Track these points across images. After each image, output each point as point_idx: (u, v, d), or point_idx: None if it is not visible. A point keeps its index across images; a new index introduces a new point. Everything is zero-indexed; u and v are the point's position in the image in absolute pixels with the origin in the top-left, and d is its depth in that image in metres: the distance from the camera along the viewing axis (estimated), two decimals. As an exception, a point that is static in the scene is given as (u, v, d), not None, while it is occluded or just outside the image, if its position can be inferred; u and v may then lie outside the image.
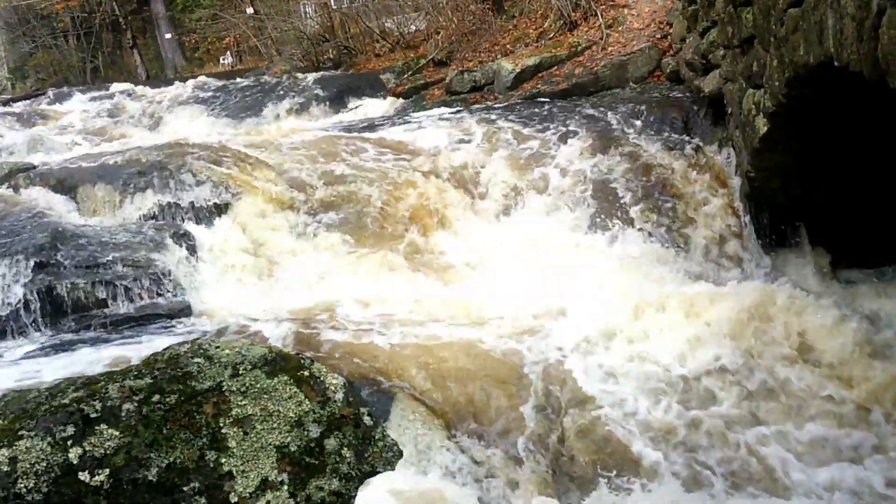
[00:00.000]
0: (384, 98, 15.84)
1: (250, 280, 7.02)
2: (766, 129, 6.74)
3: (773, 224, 7.81)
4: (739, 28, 7.27)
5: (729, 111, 8.40)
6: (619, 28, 12.83)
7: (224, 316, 6.25)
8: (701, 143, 8.68)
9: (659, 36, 12.06)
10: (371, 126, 12.09)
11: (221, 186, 8.05)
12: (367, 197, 8.25)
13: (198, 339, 3.21)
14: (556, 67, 12.80)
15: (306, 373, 3.13)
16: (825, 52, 4.87)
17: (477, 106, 13.08)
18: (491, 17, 15.48)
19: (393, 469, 3.13)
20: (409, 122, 12.27)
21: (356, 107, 15.82)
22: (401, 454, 3.16)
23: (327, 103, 15.94)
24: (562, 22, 13.69)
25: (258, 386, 2.98)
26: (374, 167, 8.80)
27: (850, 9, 4.32)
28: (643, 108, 9.67)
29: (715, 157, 8.46)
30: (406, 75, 16.45)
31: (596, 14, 13.30)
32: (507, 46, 14.43)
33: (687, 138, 8.86)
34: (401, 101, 15.41)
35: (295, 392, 3.06)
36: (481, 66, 14.22)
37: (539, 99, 12.18)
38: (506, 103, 12.51)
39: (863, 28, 4.22)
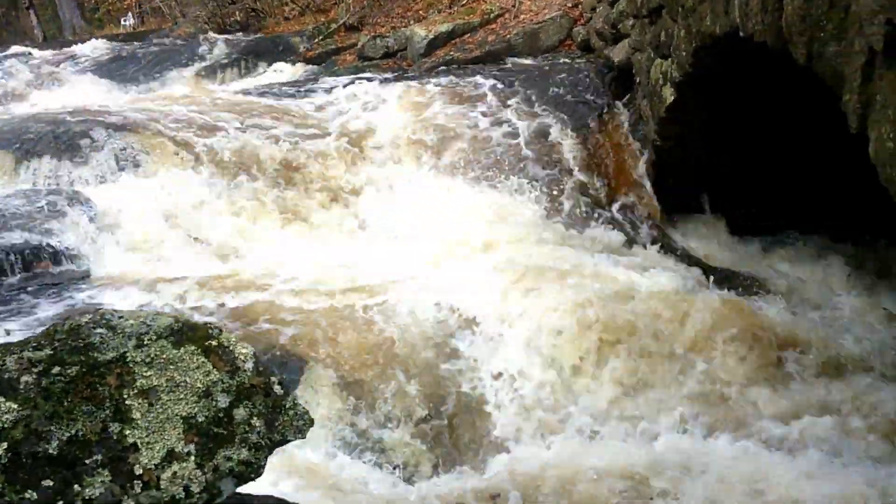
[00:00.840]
0: (294, 63, 15.55)
1: (152, 246, 6.84)
2: (672, 98, 6.89)
3: (677, 191, 8.01)
4: (648, -2, 7.40)
5: (637, 81, 8.55)
6: (532, -4, 12.89)
7: (126, 283, 6.08)
8: (609, 112, 8.80)
9: (570, 5, 12.15)
10: (281, 91, 11.86)
11: (122, 151, 7.80)
12: (274, 161, 8.11)
13: (100, 308, 3.11)
14: (468, 35, 12.78)
15: (214, 342, 3.06)
16: (731, 23, 4.99)
17: (390, 73, 12.98)
18: (404, -18, 15.34)
19: (304, 437, 3.11)
20: (320, 87, 12.10)
21: (265, 71, 15.50)
22: (312, 422, 3.14)
23: (235, 67, 15.56)
24: (474, -12, 13.68)
25: (164, 356, 2.90)
26: (282, 132, 8.65)
27: (754, -20, 4.43)
28: (554, 76, 9.75)
29: (623, 125, 8.60)
30: (317, 40, 16.17)
31: (508, -19, 13.32)
32: (420, 12, 14.33)
33: (596, 106, 8.98)
34: (312, 66, 15.16)
35: (203, 362, 2.99)
36: (394, 32, 14.09)
37: (452, 66, 12.16)
38: (419, 70, 12.47)
39: (767, 0, 4.34)
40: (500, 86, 9.67)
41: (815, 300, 6.65)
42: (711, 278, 6.69)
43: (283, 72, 15.19)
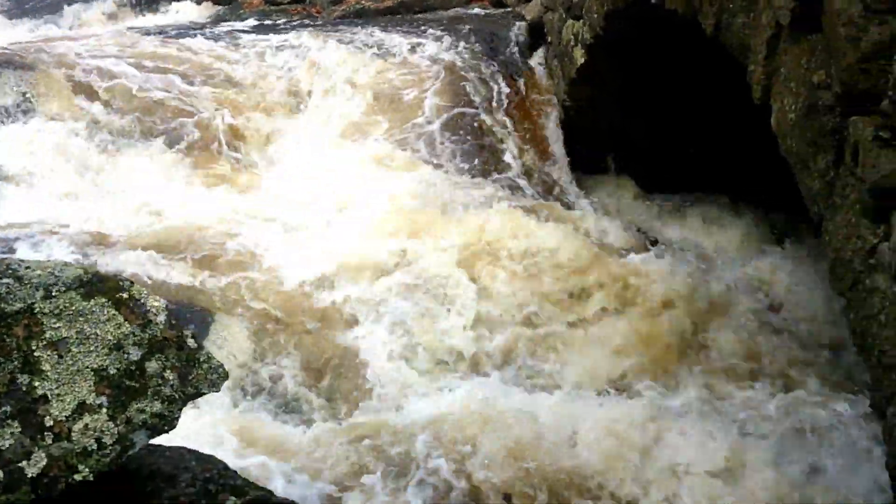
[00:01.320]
0: (199, 2, 15.08)
1: (55, 192, 6.62)
2: (583, 60, 7.02)
3: (586, 151, 8.18)
4: (562, -42, 7.47)
5: (549, 40, 8.64)
6: (445, -52, 12.76)
7: (30, 232, 5.88)
8: (521, 69, 8.88)
9: (484, -41, 12.11)
10: (183, 32, 11.49)
11: (15, 93, 7.46)
12: (179, 110, 7.89)
13: (4, 258, 3.03)
14: (381, -16, 12.60)
15: (125, 295, 3.03)
16: (644, -11, 5.11)
17: (298, 19, 12.73)
18: (314, -74, 14.95)
19: (218, 391, 3.12)
20: (225, 30, 11.78)
21: (167, 11, 14.99)
22: (226, 375, 3.15)
23: (135, 5, 14.99)
24: (388, -63, 13.44)
25: (73, 308, 2.86)
26: (184, 78, 8.41)
27: (669, -52, 4.55)
28: (469, 31, 9.75)
29: (534, 83, 8.70)
30: (222, -20, 15.68)
31: (422, -69, 13.15)
32: (331, -42, 14.02)
33: (508, 62, 9.03)
34: (217, 7, 14.73)
35: (113, 315, 2.96)
36: (303, -23, 13.78)
37: (364, 16, 12.02)
38: (328, 18, 12.27)
39: (680, -33, 4.47)
40: (415, 39, 9.61)
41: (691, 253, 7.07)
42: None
43: (185, 12, 14.70)
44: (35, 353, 2.68)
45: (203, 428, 4.27)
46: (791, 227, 7.29)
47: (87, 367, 2.78)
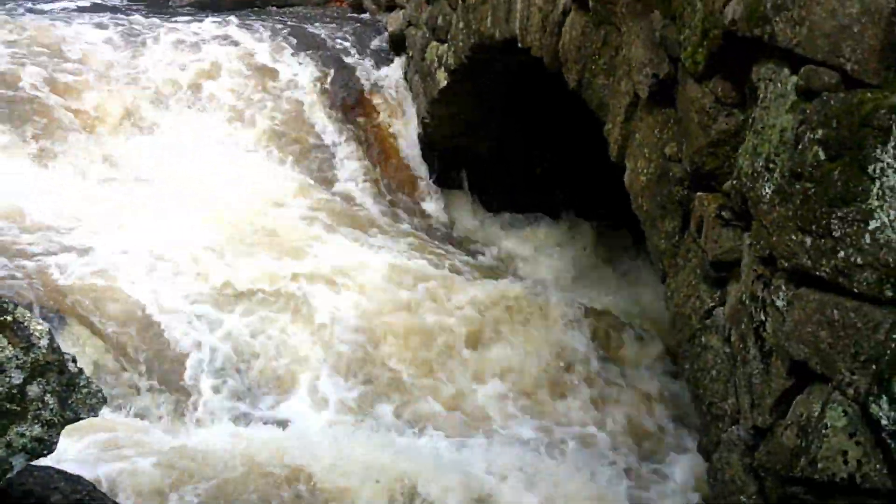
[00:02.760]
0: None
1: None
2: (445, 83, 7.33)
3: (441, 167, 8.55)
4: (428, -21, 7.77)
5: (410, 54, 8.91)
6: (305, -57, 12.79)
7: None
8: (379, 80, 9.12)
9: (346, -40, 12.23)
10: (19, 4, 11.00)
11: None
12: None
13: None
14: (237, -27, 12.46)
15: (9, 318, 3.07)
16: (511, 32, 5.47)
17: (143, 5, 12.39)
18: None
19: (96, 415, 3.21)
20: (60, 5, 11.34)
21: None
22: (104, 400, 3.24)
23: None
24: (245, -76, 13.31)
25: (-44, 330, 2.91)
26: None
27: (538, 1, 4.93)
28: (328, 33, 9.86)
29: (391, 96, 8.95)
30: (60, -52, 14.97)
31: (282, -77, 13.12)
32: (183, -61, 13.71)
33: (369, 71, 9.25)
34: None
35: (-4, 337, 3.02)
36: (152, -44, 13.41)
37: (217, 8, 11.85)
38: (175, 7, 11.98)
39: (548, 21, 4.85)
40: (270, 36, 9.62)
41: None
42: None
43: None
44: (-86, 382, 2.72)
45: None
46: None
47: (-32, 392, 2.84)
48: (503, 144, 8.31)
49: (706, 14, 3.05)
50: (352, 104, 8.63)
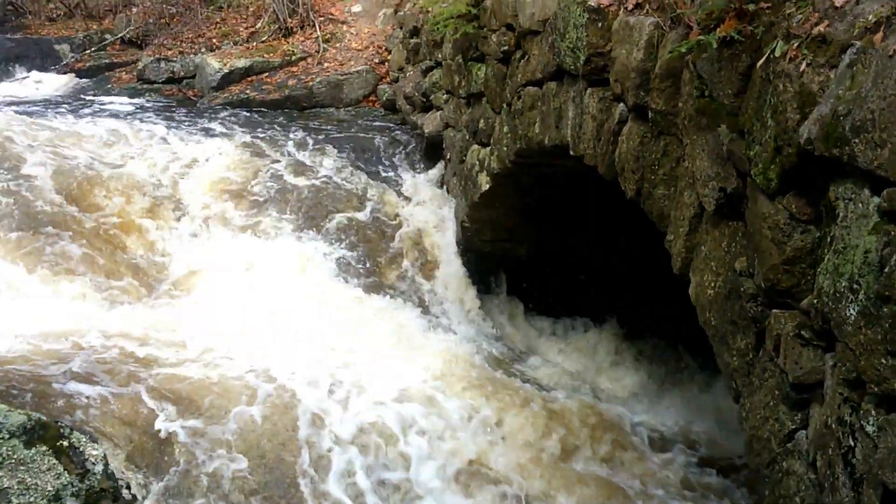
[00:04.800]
0: (61, 73, 14.93)
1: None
2: (487, 186, 7.53)
3: (480, 271, 8.69)
4: (469, 81, 8.02)
5: (447, 157, 9.17)
6: (337, 45, 13.28)
7: None
8: (421, 183, 9.37)
9: (377, 60, 12.69)
10: (46, 106, 11.43)
11: None
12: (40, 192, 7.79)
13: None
14: (267, 74, 12.93)
15: (66, 443, 3.17)
16: (561, 139, 5.65)
17: (174, 102, 12.86)
18: (197, 4, 15.25)
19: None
20: (95, 107, 11.78)
21: (25, 77, 14.77)
22: (154, 527, 3.32)
23: (-13, 71, 14.74)
24: (276, 26, 13.87)
25: (15, 457, 2.98)
26: (55, 158, 8.37)
27: (592, 109, 5.10)
28: (364, 136, 10.21)
29: (433, 199, 9.19)
30: (88, 51, 15.63)
31: (314, 25, 13.65)
32: (214, 41, 14.29)
33: (405, 173, 9.52)
34: (82, 79, 14.64)
35: (54, 464, 3.08)
36: (182, 57, 13.94)
37: (248, 106, 12.31)
38: (208, 104, 12.46)
39: (602, 130, 5.02)
40: (307, 139, 9.96)
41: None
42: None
43: (45, 83, 14.53)
44: (-24, 508, 2.80)
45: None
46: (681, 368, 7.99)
47: (28, 521, 2.91)
48: (541, 249, 8.48)
49: (778, 132, 3.17)
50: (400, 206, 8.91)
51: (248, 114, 11.79)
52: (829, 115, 2.84)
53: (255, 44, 13.69)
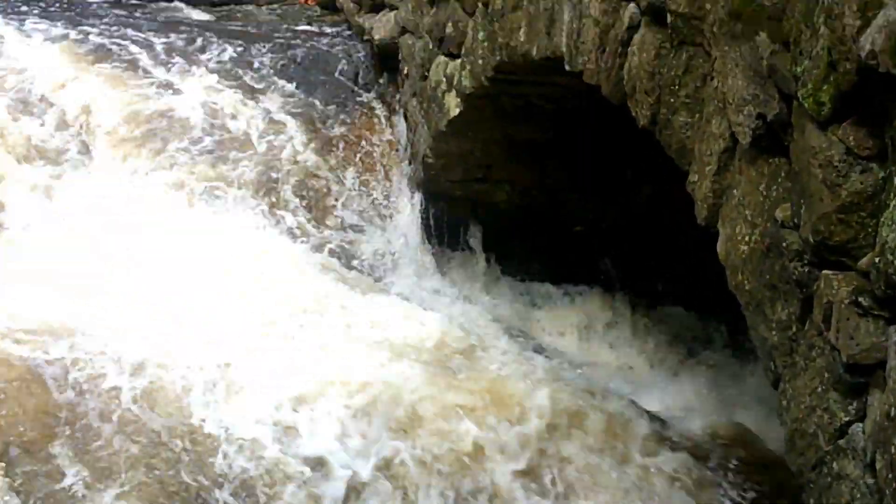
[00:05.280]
0: None
1: None
2: (458, 111, 7.54)
3: (446, 221, 8.74)
4: (432, -29, 8.03)
5: (405, 71, 9.15)
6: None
7: None
8: (363, 108, 9.39)
9: (311, -59, 12.59)
10: None
11: None
12: None
13: None
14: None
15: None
16: (554, 49, 5.67)
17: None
18: None
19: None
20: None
21: None
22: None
23: None
24: None
25: None
26: None
27: (594, 10, 5.12)
28: (291, 44, 10.15)
29: (382, 126, 9.21)
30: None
31: None
32: None
33: (347, 97, 9.51)
34: None
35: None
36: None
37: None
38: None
39: (607, 38, 5.05)
40: (214, 48, 9.92)
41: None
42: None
43: None
44: None
45: None
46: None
47: None
48: (528, 194, 8.54)
49: (833, 41, 3.21)
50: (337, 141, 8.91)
51: (122, 12, 11.53)
52: (900, 20, 2.88)
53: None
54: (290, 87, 9.56)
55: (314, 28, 11.21)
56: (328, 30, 11.05)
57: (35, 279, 6.89)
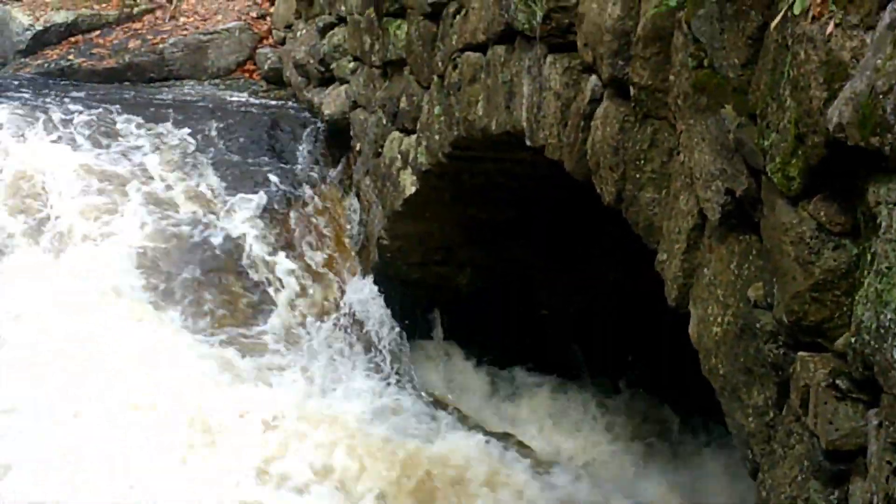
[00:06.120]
0: None
1: None
2: (414, 189, 7.64)
3: (403, 308, 8.79)
4: (385, 44, 8.15)
5: (357, 148, 9.27)
6: (199, -8, 13.35)
7: None
8: (320, 186, 9.48)
9: (255, 14, 12.79)
10: None
11: None
12: None
13: None
14: (98, 33, 12.92)
15: None
16: (514, 124, 5.79)
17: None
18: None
19: None
20: None
21: None
22: None
23: None
24: (111, -34, 13.88)
25: None
26: None
27: (554, 83, 5.26)
28: (237, 125, 10.27)
29: (337, 208, 9.31)
30: None
31: (165, -36, 13.70)
32: (21, -14, 14.23)
33: (297, 177, 9.60)
34: None
35: None
36: (-24, 10, 13.87)
37: (71, 77, 12.27)
38: (12, 74, 12.36)
39: (569, 112, 5.18)
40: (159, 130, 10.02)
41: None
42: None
43: None
44: None
45: None
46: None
47: None
48: (490, 277, 8.63)
49: (800, 114, 3.34)
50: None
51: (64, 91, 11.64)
52: (866, 92, 2.99)
53: (79, -10, 13.65)
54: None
55: (265, 102, 11.34)
56: (277, 105, 11.18)
57: None
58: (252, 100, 11.46)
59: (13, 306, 7.95)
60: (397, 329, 8.67)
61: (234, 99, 11.43)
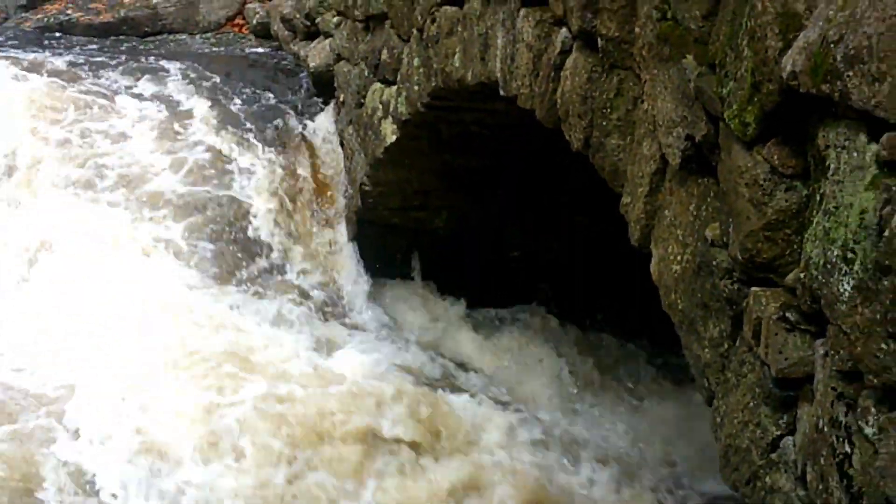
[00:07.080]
0: None
1: None
2: (394, 138, 7.63)
3: (385, 249, 8.81)
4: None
5: (341, 98, 9.23)
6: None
7: None
8: (299, 137, 9.45)
9: (245, -30, 12.68)
10: None
11: None
12: None
13: None
14: (95, -12, 12.81)
15: None
16: (489, 74, 5.78)
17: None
18: None
19: None
20: None
21: None
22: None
23: None
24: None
25: None
26: None
27: (527, 35, 5.24)
28: (230, 72, 10.22)
29: (319, 154, 9.28)
30: None
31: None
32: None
33: (283, 126, 9.55)
34: None
35: None
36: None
37: (71, 32, 12.17)
38: (16, 31, 12.24)
39: (540, 63, 5.16)
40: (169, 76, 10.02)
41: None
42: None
43: None
44: None
45: None
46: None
47: None
48: (469, 220, 8.64)
49: (756, 63, 3.34)
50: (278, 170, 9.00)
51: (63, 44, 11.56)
52: (818, 41, 3.00)
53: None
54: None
55: (253, 56, 11.31)
56: (265, 58, 11.14)
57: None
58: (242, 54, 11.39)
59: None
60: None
61: (224, 54, 11.37)
